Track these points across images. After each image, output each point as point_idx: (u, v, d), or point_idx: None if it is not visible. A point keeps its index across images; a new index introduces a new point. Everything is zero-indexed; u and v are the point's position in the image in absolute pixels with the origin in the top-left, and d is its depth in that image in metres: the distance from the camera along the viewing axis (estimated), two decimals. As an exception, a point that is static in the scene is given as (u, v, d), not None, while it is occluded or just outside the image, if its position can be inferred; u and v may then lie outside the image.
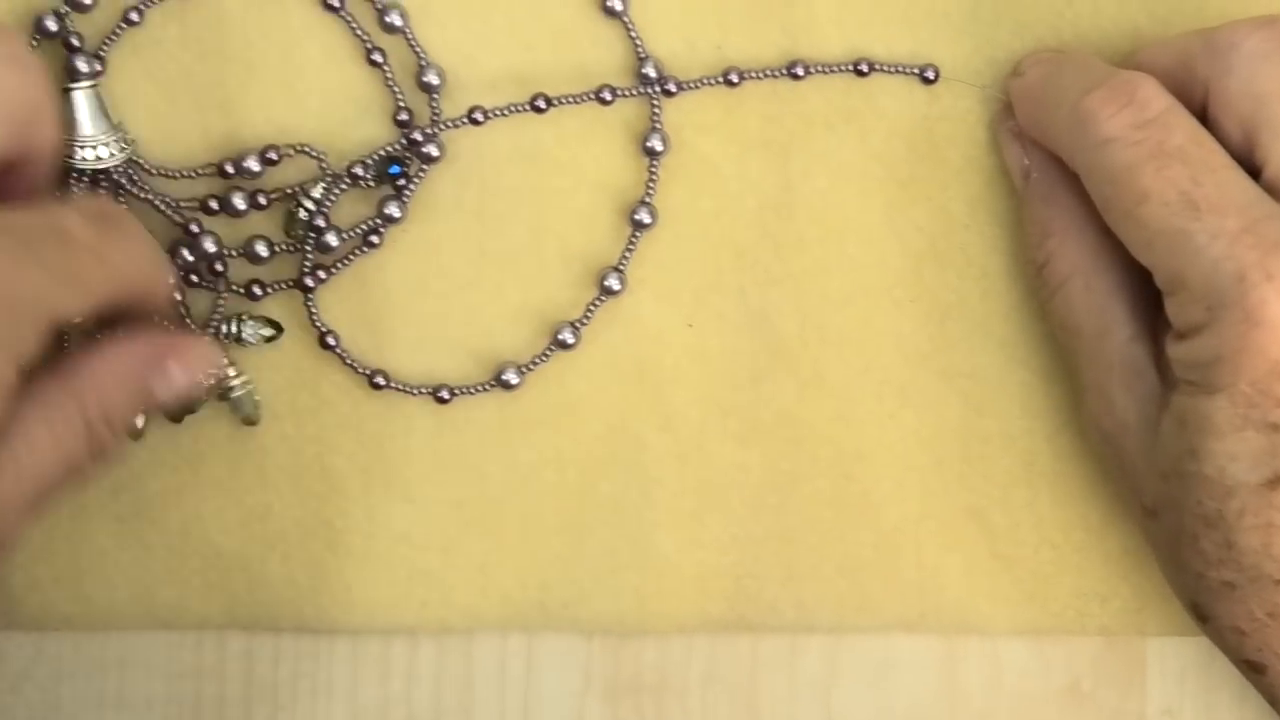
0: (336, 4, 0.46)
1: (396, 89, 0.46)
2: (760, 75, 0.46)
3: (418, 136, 0.46)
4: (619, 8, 0.46)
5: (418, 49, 0.46)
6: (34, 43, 0.45)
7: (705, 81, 0.46)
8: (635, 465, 0.47)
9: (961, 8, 0.46)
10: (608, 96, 0.46)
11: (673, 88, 0.46)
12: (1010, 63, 0.46)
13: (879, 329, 0.47)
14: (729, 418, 0.47)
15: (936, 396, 0.47)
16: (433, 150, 0.46)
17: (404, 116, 0.46)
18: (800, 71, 0.46)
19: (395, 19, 0.46)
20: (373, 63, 0.46)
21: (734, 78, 0.46)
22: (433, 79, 0.46)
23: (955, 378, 0.47)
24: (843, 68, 0.46)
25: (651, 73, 0.46)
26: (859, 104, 0.46)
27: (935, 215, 0.47)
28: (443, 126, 0.46)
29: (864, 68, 0.46)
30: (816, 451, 0.47)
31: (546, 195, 0.47)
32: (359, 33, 0.46)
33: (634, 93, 0.46)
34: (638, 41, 0.46)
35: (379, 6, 0.46)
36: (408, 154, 0.46)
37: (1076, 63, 0.44)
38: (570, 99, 0.46)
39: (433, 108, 0.46)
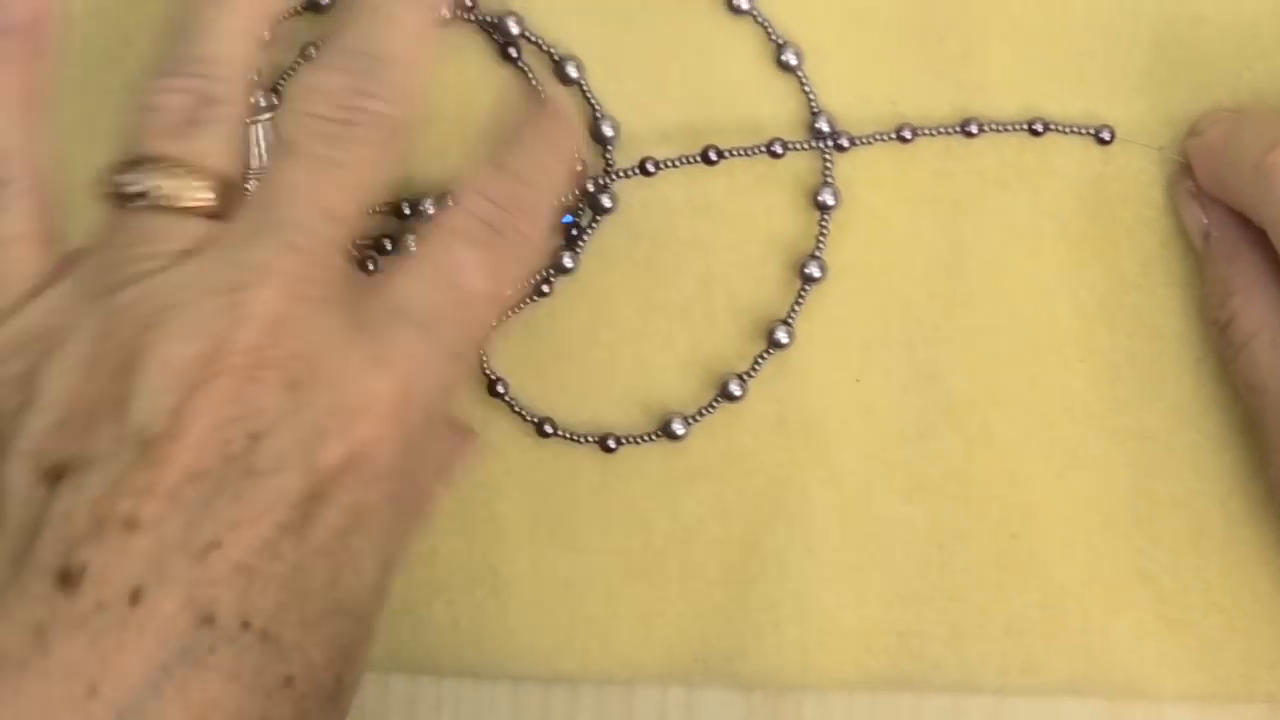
0: (514, 55, 0.46)
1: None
2: (933, 132, 0.46)
3: (591, 187, 0.46)
4: (793, 62, 0.46)
5: (593, 100, 0.46)
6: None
7: (878, 137, 0.46)
8: (799, 519, 0.47)
9: (1137, 67, 0.46)
10: (779, 150, 0.46)
11: (845, 143, 0.46)
12: (1187, 123, 0.46)
13: (1049, 388, 0.46)
14: (894, 473, 0.47)
15: (1106, 457, 0.46)
16: (605, 201, 0.46)
17: (578, 167, 0.46)
18: (974, 130, 0.46)
19: (572, 70, 0.46)
20: (547, 114, 0.46)
21: (907, 134, 0.46)
22: (607, 130, 0.46)
23: (1125, 439, 0.46)
24: (1017, 127, 0.46)
25: (824, 127, 0.46)
26: (1033, 162, 0.46)
27: (1107, 274, 0.46)
28: (615, 177, 0.46)
29: (1038, 127, 0.46)
30: (983, 509, 0.47)
31: (717, 247, 0.47)
32: (535, 84, 0.46)
33: (806, 146, 0.46)
34: (811, 96, 0.46)
35: (556, 58, 0.46)
36: (581, 204, 0.47)
37: (1257, 119, 0.44)
38: (741, 151, 0.46)
39: (606, 159, 0.47)
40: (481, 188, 0.39)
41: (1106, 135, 0.46)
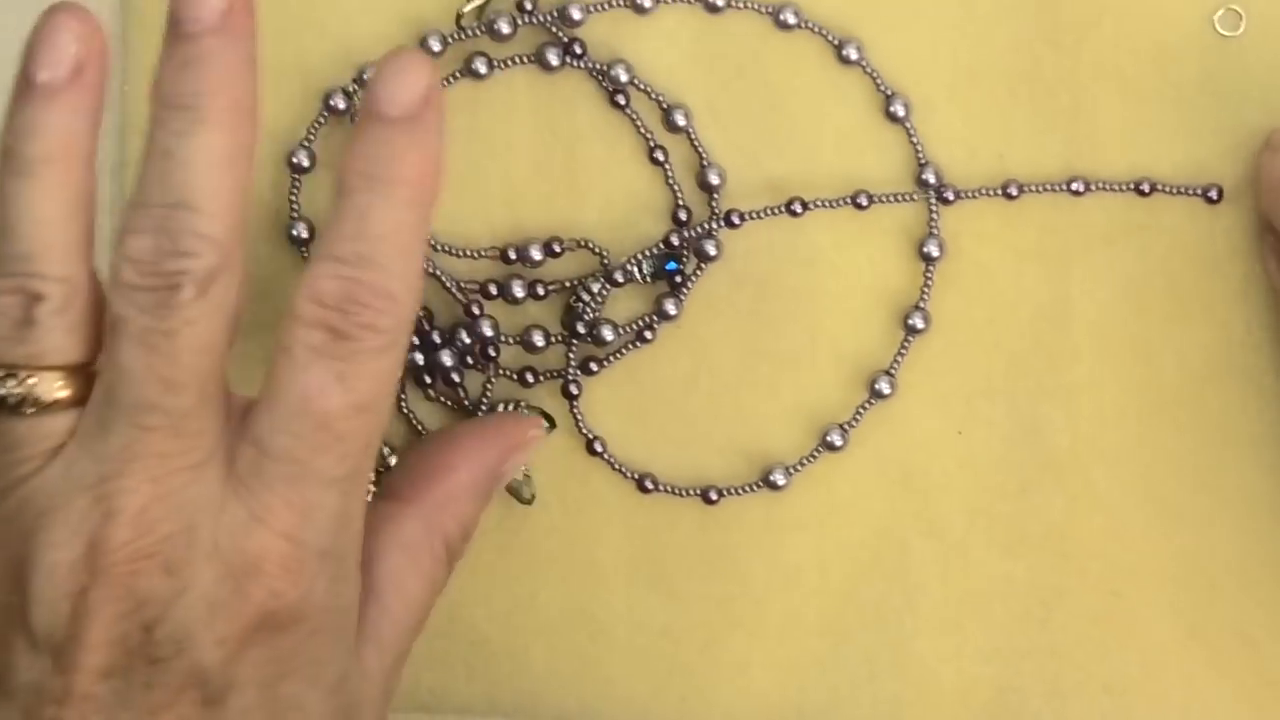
0: (622, 102, 0.47)
1: (677, 187, 0.47)
2: (1040, 189, 0.46)
3: (696, 234, 0.47)
4: (901, 114, 0.46)
5: (700, 149, 0.47)
6: (322, 119, 0.46)
7: (984, 192, 0.46)
8: (898, 571, 0.47)
9: (1246, 126, 0.46)
10: (863, 202, 0.46)
11: (950, 195, 0.46)
12: (1298, 182, 0.45)
13: (1153, 446, 0.46)
14: (996, 527, 0.47)
15: (1210, 518, 0.46)
16: (710, 249, 0.47)
17: (683, 215, 0.47)
18: (1079, 188, 0.46)
19: (680, 118, 0.46)
20: (655, 161, 0.47)
21: (1013, 191, 0.46)
22: (713, 179, 0.47)
23: (1231, 500, 0.46)
24: (1124, 187, 0.46)
25: (931, 179, 0.46)
26: (1141, 218, 0.46)
27: (1215, 333, 0.46)
28: (713, 226, 0.46)
29: (1145, 188, 0.46)
30: (1085, 566, 0.46)
31: (821, 297, 0.47)
32: (643, 131, 0.47)
33: (899, 199, 0.46)
34: (918, 147, 0.46)
35: (664, 106, 0.47)
36: (685, 251, 0.47)
37: None
38: (825, 203, 0.46)
39: (712, 207, 0.47)
40: (310, 290, 0.37)
41: (1215, 194, 0.46)
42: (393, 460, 0.47)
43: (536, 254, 0.47)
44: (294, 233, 0.47)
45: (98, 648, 0.35)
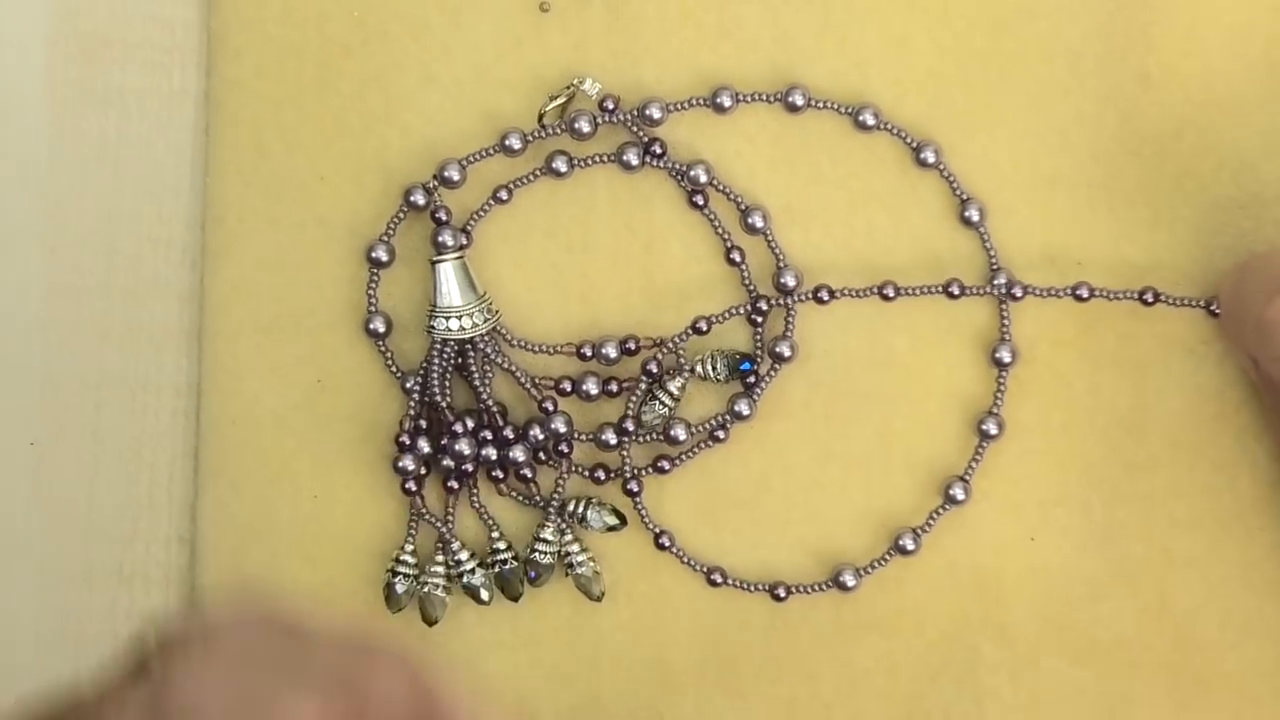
0: (701, 203, 0.47)
1: (752, 288, 0.47)
2: (1110, 295, 0.46)
3: (772, 335, 0.47)
4: (975, 218, 0.46)
5: (777, 250, 0.47)
6: (401, 215, 0.47)
7: (1053, 292, 0.46)
8: (968, 676, 0.47)
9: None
10: (955, 290, 0.46)
11: (1019, 292, 0.46)
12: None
13: (1226, 556, 0.46)
14: (1066, 634, 0.47)
15: (1281, 629, 0.46)
16: (785, 350, 0.47)
17: (759, 318, 0.47)
18: (1150, 298, 0.46)
19: (757, 220, 0.47)
20: (731, 261, 0.47)
21: (1083, 292, 0.46)
22: (789, 280, 0.47)
23: (1302, 611, 0.46)
24: (1195, 303, 0.46)
25: (1001, 281, 0.46)
26: (1219, 329, 0.46)
27: (1291, 444, 0.46)
28: (794, 300, 0.46)
29: (1215, 308, 0.46)
30: (1154, 676, 0.46)
31: (895, 400, 0.47)
32: (720, 232, 0.47)
33: (979, 292, 0.46)
34: (991, 252, 0.46)
35: (742, 207, 0.47)
36: (760, 352, 0.47)
37: (1261, 265, 0.43)
38: (917, 290, 0.46)
39: (788, 308, 0.47)
40: None
41: (1216, 307, 0.46)
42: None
43: (612, 352, 0.47)
44: (371, 326, 0.47)
45: None
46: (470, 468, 0.47)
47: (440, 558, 0.47)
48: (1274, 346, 0.41)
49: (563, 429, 0.47)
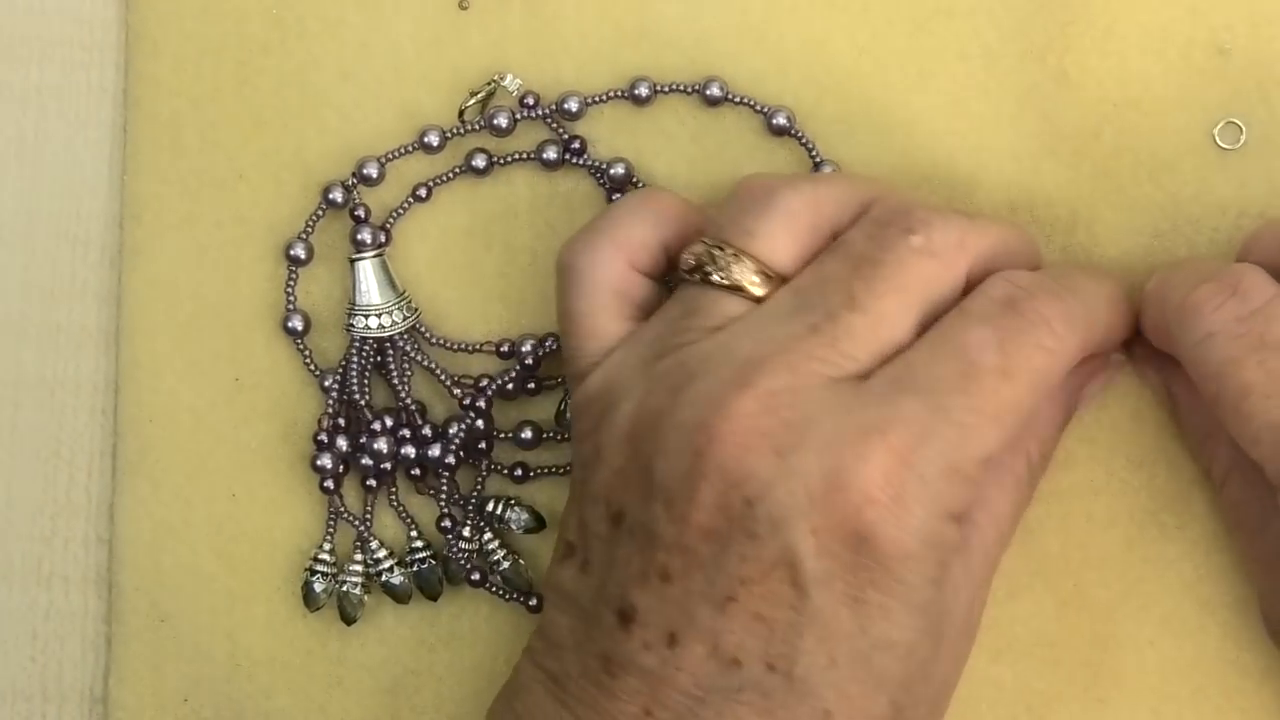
0: (620, 196, 0.47)
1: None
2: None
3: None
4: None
5: (697, 248, 0.47)
6: (320, 213, 0.47)
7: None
8: (887, 674, 0.47)
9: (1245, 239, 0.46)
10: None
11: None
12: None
13: (1144, 553, 0.46)
14: (984, 632, 0.46)
15: (1197, 625, 0.46)
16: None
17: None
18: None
19: (678, 218, 0.47)
20: (652, 259, 0.47)
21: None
22: (710, 278, 0.47)
23: (1217, 608, 0.46)
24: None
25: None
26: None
27: (1207, 443, 0.46)
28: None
29: None
30: (1072, 673, 0.47)
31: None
32: (641, 230, 0.47)
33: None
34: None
35: (663, 205, 0.47)
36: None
37: (1191, 266, 0.44)
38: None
39: (708, 307, 0.47)
40: (1010, 274, 0.41)
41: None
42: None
43: (529, 347, 0.47)
44: (290, 324, 0.47)
45: (704, 508, 0.38)
46: (389, 466, 0.47)
47: (359, 556, 0.47)
48: (1194, 331, 0.41)
49: (482, 427, 0.47)
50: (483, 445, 0.47)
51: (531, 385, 0.47)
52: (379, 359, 0.47)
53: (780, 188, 0.41)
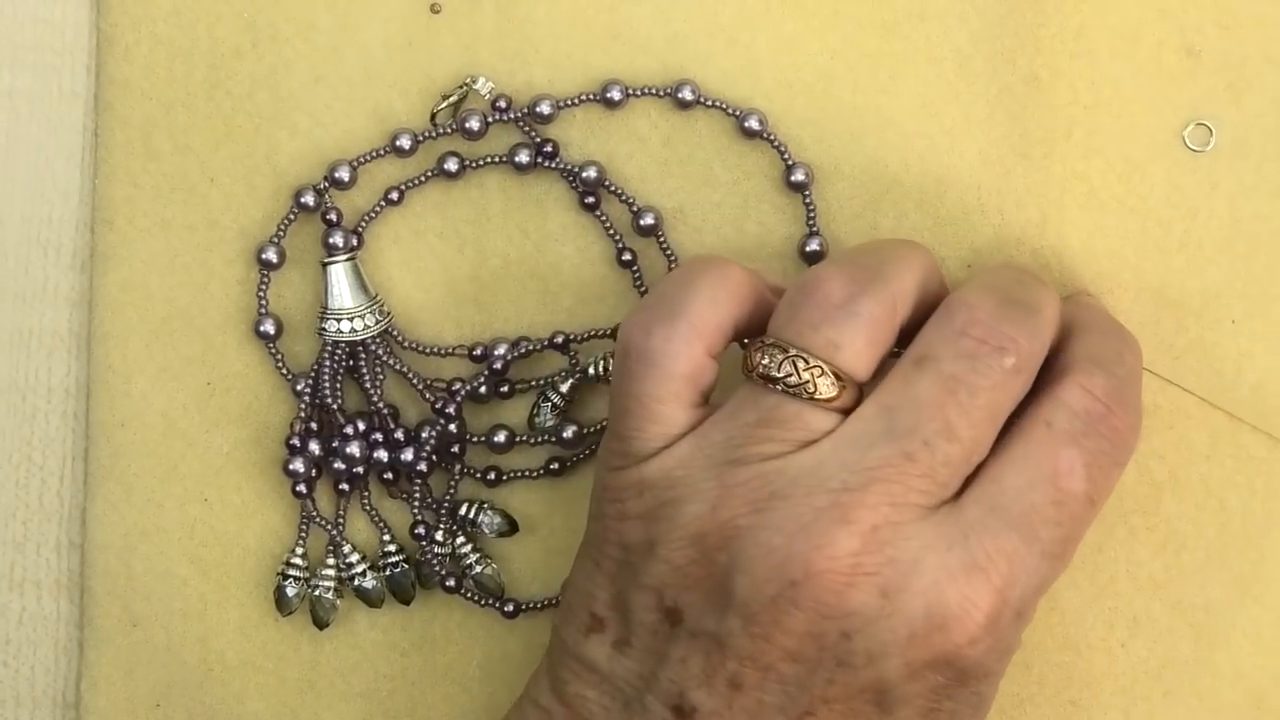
0: (593, 204, 0.47)
1: (645, 290, 0.47)
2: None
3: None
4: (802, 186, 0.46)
5: (670, 253, 0.47)
6: (292, 217, 0.47)
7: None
8: (859, 676, 0.47)
9: (1213, 240, 0.46)
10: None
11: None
12: None
13: (1113, 555, 0.47)
14: (956, 634, 0.47)
15: (1168, 627, 0.46)
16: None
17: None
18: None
19: (650, 221, 0.47)
20: (624, 263, 0.47)
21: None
22: (682, 281, 0.47)
23: (1188, 609, 0.46)
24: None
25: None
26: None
27: (1177, 445, 0.46)
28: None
29: None
30: (1044, 676, 0.47)
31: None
32: (613, 233, 0.47)
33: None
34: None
35: (635, 209, 0.47)
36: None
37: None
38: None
39: (680, 310, 0.47)
40: (1084, 381, 0.40)
41: None
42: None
43: (502, 350, 0.47)
44: (261, 328, 0.47)
45: (793, 634, 0.38)
46: (361, 470, 0.47)
47: (331, 561, 0.47)
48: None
49: (455, 431, 0.47)
50: (455, 449, 0.47)
51: (504, 389, 0.47)
52: (351, 363, 0.47)
53: (861, 297, 0.40)
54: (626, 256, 0.47)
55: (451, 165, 0.47)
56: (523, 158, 0.47)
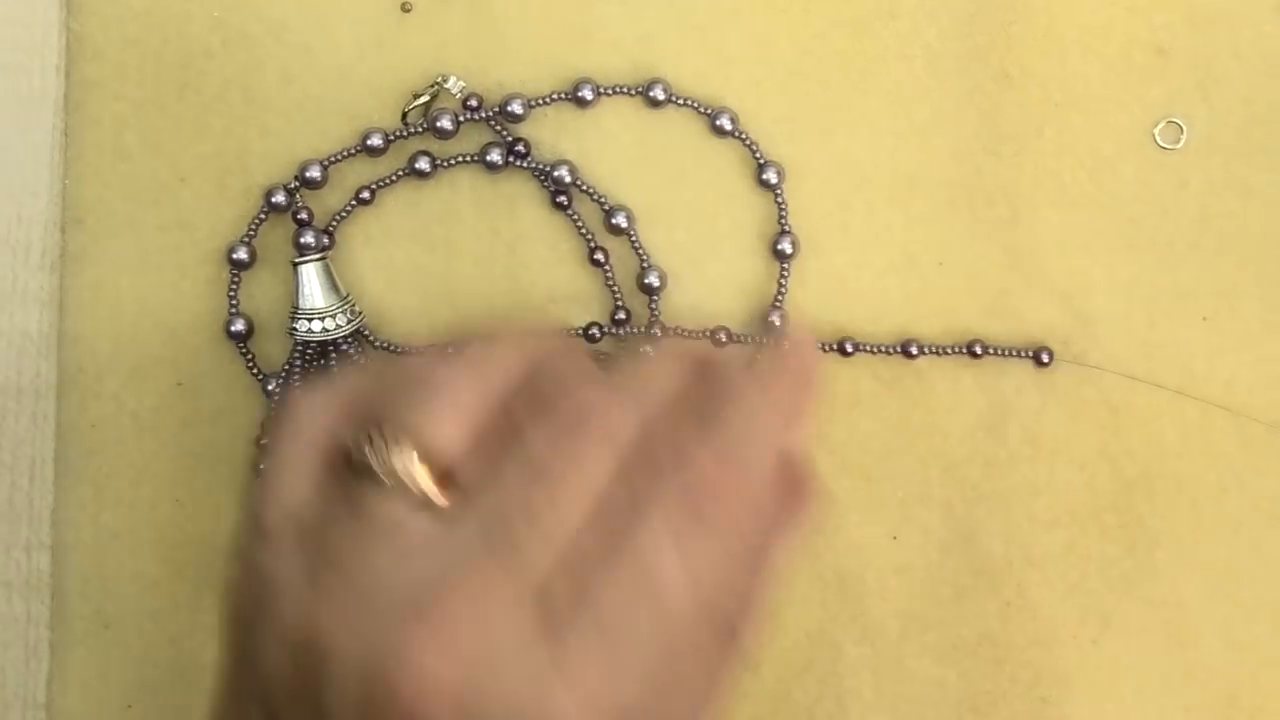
0: (564, 203, 0.47)
1: (616, 289, 0.47)
2: (874, 350, 0.46)
3: (634, 335, 0.47)
4: (774, 181, 0.47)
5: (641, 251, 0.47)
6: (263, 216, 0.46)
7: (883, 349, 0.46)
8: (831, 675, 0.47)
9: (1185, 237, 0.46)
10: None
11: (849, 348, 0.46)
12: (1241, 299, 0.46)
13: (1085, 553, 0.47)
14: (928, 633, 0.47)
15: (1140, 625, 0.47)
16: (650, 350, 0.47)
17: (621, 316, 0.47)
18: (978, 350, 0.46)
19: (621, 220, 0.47)
20: (595, 262, 0.47)
21: (849, 347, 0.46)
22: (653, 280, 0.47)
23: (1160, 607, 0.47)
24: (1022, 353, 0.46)
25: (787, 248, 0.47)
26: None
27: (1149, 443, 0.46)
28: (655, 312, 0.47)
29: (977, 349, 0.46)
30: (1016, 673, 0.47)
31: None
32: (584, 232, 0.47)
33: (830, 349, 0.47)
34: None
35: (606, 208, 0.47)
36: (624, 351, 0.47)
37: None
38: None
39: (652, 309, 0.47)
40: (688, 462, 0.35)
41: (1045, 358, 0.46)
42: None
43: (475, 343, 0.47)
44: (233, 328, 0.47)
45: None
46: (333, 470, 0.46)
47: (303, 560, 0.47)
48: None
49: (428, 430, 0.46)
50: (428, 448, 0.47)
51: (476, 388, 0.47)
52: (323, 363, 0.47)
53: (442, 374, 0.36)
54: (598, 256, 0.47)
55: (423, 164, 0.47)
56: (494, 157, 0.47)
